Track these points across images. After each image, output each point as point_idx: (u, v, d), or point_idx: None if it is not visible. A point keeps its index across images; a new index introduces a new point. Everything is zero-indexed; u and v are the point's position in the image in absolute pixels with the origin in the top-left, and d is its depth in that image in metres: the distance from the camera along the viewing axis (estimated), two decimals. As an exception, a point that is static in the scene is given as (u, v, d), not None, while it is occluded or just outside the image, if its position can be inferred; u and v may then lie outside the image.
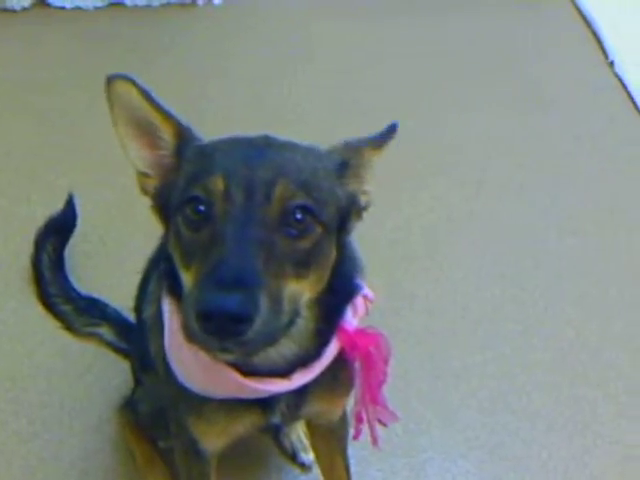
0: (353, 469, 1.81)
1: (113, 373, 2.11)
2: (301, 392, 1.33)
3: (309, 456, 1.93)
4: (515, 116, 3.21)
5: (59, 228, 2.25)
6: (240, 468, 1.92)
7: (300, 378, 1.26)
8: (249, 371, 1.22)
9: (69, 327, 2.19)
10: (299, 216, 1.07)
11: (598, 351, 2.28)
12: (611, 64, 3.49)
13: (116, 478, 1.92)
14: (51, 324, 2.21)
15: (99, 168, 2.73)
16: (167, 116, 1.19)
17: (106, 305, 2.19)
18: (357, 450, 1.93)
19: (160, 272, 1.28)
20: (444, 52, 3.58)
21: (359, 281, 1.28)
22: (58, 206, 2.31)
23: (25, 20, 3.59)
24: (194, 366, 1.26)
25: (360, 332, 1.29)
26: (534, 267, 2.54)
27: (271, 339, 1.03)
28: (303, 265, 1.08)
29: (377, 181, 1.27)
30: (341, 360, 1.32)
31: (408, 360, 2.20)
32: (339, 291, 1.21)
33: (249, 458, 1.96)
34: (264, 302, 0.98)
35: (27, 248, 2.27)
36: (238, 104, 3.02)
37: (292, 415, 1.39)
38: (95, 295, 2.21)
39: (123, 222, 2.52)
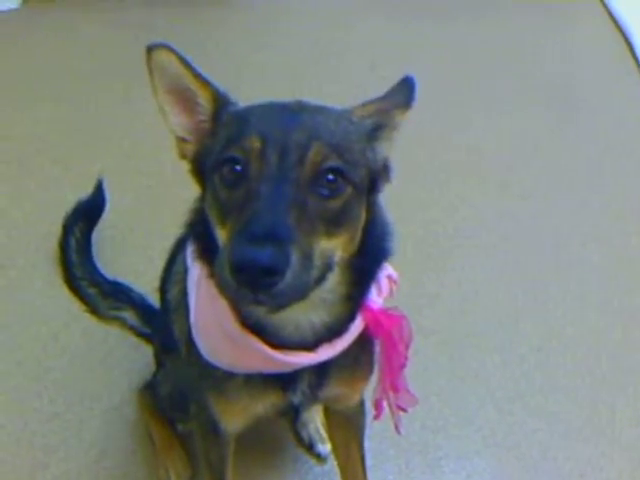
0: (369, 462, 1.82)
1: (135, 357, 2.14)
2: (323, 372, 1.36)
3: (325, 447, 1.94)
4: (543, 119, 3.21)
5: (87, 212, 2.28)
6: (257, 457, 1.94)
7: (325, 352, 1.29)
8: (276, 343, 1.25)
9: (94, 310, 2.22)
10: (331, 177, 1.11)
11: (618, 356, 2.28)
12: (642, 68, 3.47)
13: (134, 460, 1.95)
14: (76, 307, 2.24)
15: (130, 155, 2.77)
16: (205, 82, 1.24)
17: (131, 290, 2.21)
18: (374, 444, 1.95)
19: (191, 235, 1.31)
20: (473, 53, 3.59)
21: (390, 244, 1.30)
22: (88, 191, 2.35)
23: (62, 8, 3.63)
24: (220, 339, 1.30)
25: (384, 312, 1.33)
26: (556, 270, 2.54)
27: (301, 292, 1.06)
28: (334, 224, 1.11)
29: (403, 180, 1.30)
30: (363, 343, 1.36)
31: (428, 358, 2.20)
32: (370, 254, 1.24)
33: (266, 447, 1.98)
34: (295, 256, 1.01)
35: (56, 231, 2.30)
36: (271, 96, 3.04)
37: (312, 396, 1.41)
38: (120, 280, 2.24)
39: (151, 209, 2.55)
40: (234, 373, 1.35)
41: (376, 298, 1.33)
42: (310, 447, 1.98)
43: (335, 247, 1.13)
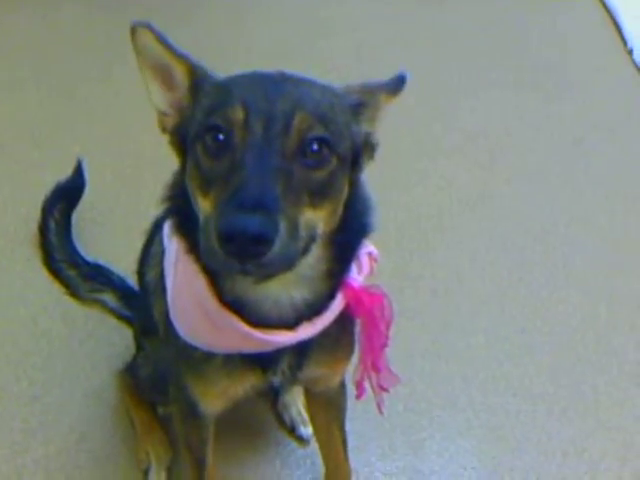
0: (352, 444, 1.81)
1: (115, 339, 2.12)
2: (303, 353, 1.35)
3: (307, 430, 1.93)
4: (530, 101, 3.18)
5: (67, 194, 2.26)
6: (238, 439, 1.93)
7: (305, 331, 1.27)
8: (255, 321, 1.23)
9: (73, 292, 2.20)
10: (316, 147, 1.10)
11: (602, 337, 2.27)
12: (630, 52, 3.46)
13: (115, 443, 1.93)
14: (56, 289, 2.22)
15: (110, 137, 2.74)
16: (180, 56, 1.23)
17: (111, 272, 2.19)
18: (357, 425, 1.94)
19: (169, 209, 1.29)
20: (460, 35, 3.56)
21: (371, 220, 1.29)
22: (67, 173, 2.32)
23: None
24: (198, 318, 1.28)
25: (365, 290, 1.32)
26: (542, 252, 2.53)
27: (289, 262, 1.05)
28: (318, 195, 1.11)
29: (387, 160, 1.29)
30: (343, 323, 1.34)
31: (412, 339, 2.19)
32: (352, 229, 1.23)
33: (247, 430, 1.96)
34: (283, 226, 1.01)
35: (35, 214, 2.28)
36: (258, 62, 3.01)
37: (292, 377, 1.40)
38: (101, 262, 2.22)
39: (131, 190, 2.53)
40: (213, 354, 1.33)
41: (357, 276, 1.32)
42: (292, 430, 1.97)
43: (319, 219, 1.12)
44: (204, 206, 1.10)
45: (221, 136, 1.10)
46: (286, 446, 1.96)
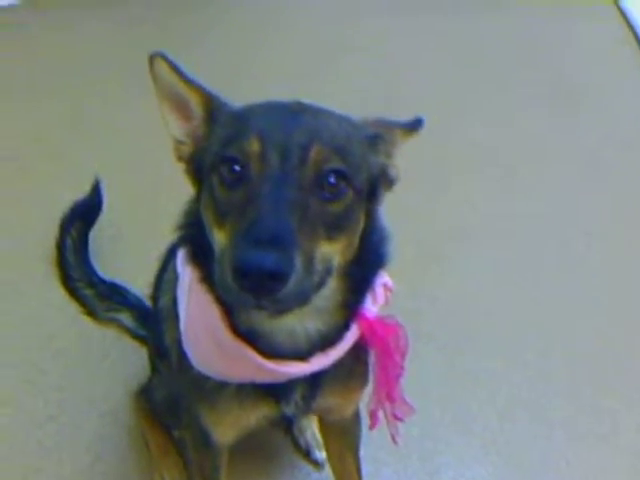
0: (366, 469, 1.80)
1: (131, 360, 2.12)
2: (316, 383, 1.34)
3: (322, 454, 1.91)
4: (547, 116, 3.17)
5: (84, 212, 2.26)
6: (253, 463, 1.91)
7: (318, 362, 1.26)
8: (269, 352, 1.23)
9: (90, 312, 2.20)
10: (333, 180, 1.10)
11: (622, 362, 2.24)
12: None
13: (129, 466, 1.92)
14: (72, 308, 2.22)
15: (129, 156, 2.76)
16: (195, 87, 1.23)
17: (127, 291, 2.19)
18: (371, 450, 1.92)
19: (183, 238, 1.29)
20: (480, 51, 3.55)
21: (387, 251, 1.28)
22: (86, 190, 2.33)
23: (61, 4, 3.61)
24: (211, 348, 1.27)
25: (380, 320, 1.31)
26: (561, 272, 2.51)
27: (304, 297, 1.04)
28: (334, 228, 1.10)
29: (403, 178, 1.29)
30: (357, 353, 1.34)
31: (428, 362, 2.17)
32: (367, 260, 1.23)
33: (262, 453, 1.95)
34: (299, 261, 1.00)
35: (53, 231, 2.28)
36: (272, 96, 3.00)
37: (305, 407, 1.39)
38: (117, 281, 2.22)
39: (149, 209, 2.53)
40: (225, 384, 1.32)
41: (371, 306, 1.31)
42: (307, 453, 1.95)
43: (335, 252, 1.11)
44: (219, 238, 1.10)
45: (237, 167, 1.10)
46: (301, 469, 1.95)
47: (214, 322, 1.24)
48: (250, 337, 1.23)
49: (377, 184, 1.22)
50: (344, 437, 1.68)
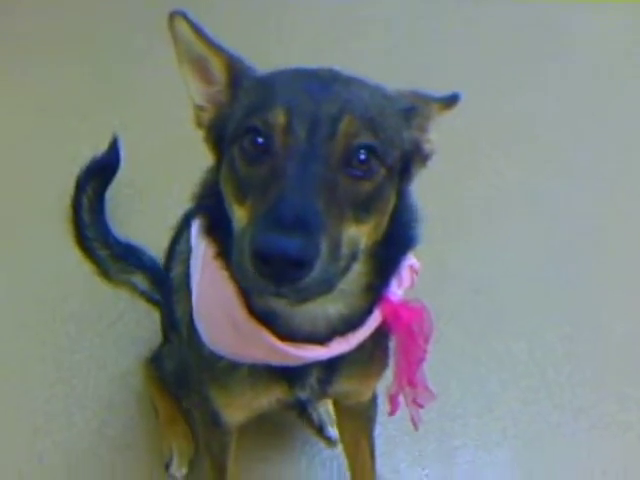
0: (381, 448, 1.75)
1: (144, 324, 2.07)
2: (333, 367, 1.27)
3: (336, 430, 1.85)
4: (585, 98, 3.00)
5: (101, 170, 2.19)
6: (264, 437, 1.86)
7: (337, 347, 1.20)
8: (285, 334, 1.16)
9: (104, 273, 2.15)
10: (363, 156, 1.01)
11: (652, 350, 2.15)
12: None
13: (137, 433, 1.89)
14: (86, 269, 2.16)
15: (150, 114, 2.67)
16: (218, 49, 1.15)
17: (143, 253, 2.13)
18: (387, 429, 1.87)
19: (199, 209, 1.21)
20: (500, 30, 3.34)
21: (416, 232, 1.20)
22: (105, 147, 2.26)
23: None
24: (224, 326, 1.21)
25: (404, 304, 1.23)
26: (592, 255, 2.39)
27: (328, 285, 0.96)
28: (363, 209, 1.01)
29: (439, 149, 1.21)
30: (378, 338, 1.27)
31: (450, 341, 2.09)
32: (395, 242, 1.14)
33: (274, 427, 1.89)
34: (325, 247, 0.92)
35: (70, 189, 2.21)
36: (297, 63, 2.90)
37: (321, 392, 1.32)
38: (133, 242, 2.15)
39: (169, 170, 2.45)
40: (237, 365, 1.26)
41: (396, 289, 1.23)
42: (320, 429, 1.90)
43: (362, 234, 1.03)
44: (239, 215, 1.02)
45: (260, 140, 1.01)
46: (313, 446, 1.90)
47: (228, 300, 1.17)
48: (266, 318, 1.16)
49: (410, 161, 1.13)
50: (359, 420, 1.62)
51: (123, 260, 2.12)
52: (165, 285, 1.62)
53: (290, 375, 1.26)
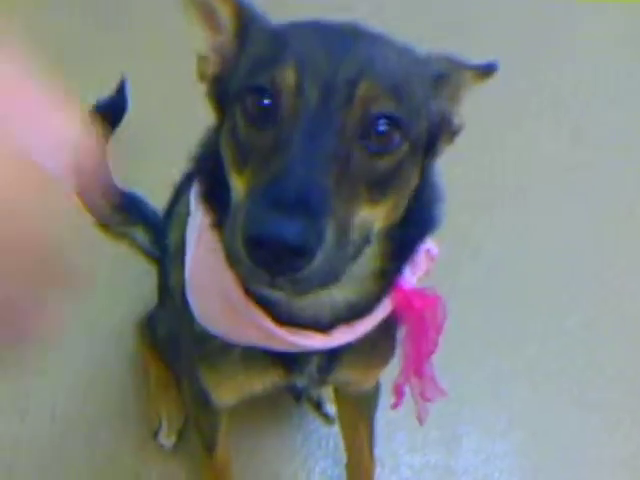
0: (381, 431, 1.65)
1: (142, 281, 1.95)
2: (335, 356, 1.17)
3: (334, 408, 1.76)
4: (623, 66, 2.82)
5: (107, 114, 2.06)
6: (259, 408, 1.75)
7: (341, 336, 1.09)
8: (285, 319, 1.05)
9: (103, 224, 2.03)
10: (383, 127, 0.88)
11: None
12: None
13: (126, 397, 1.80)
14: (83, 216, 2.04)
15: (162, 58, 2.50)
16: None
17: (146, 206, 2.01)
18: (387, 411, 1.74)
19: (197, 173, 1.11)
20: None
21: (438, 213, 1.07)
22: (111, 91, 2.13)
23: None
24: (217, 303, 1.10)
25: (417, 292, 1.12)
26: (626, 236, 2.24)
27: (332, 277, 0.84)
28: (380, 189, 0.89)
29: (467, 116, 1.07)
30: (385, 327, 1.15)
31: (461, 320, 1.95)
32: (414, 223, 1.02)
33: (268, 401, 1.78)
34: (330, 232, 0.80)
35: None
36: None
37: (320, 380, 1.23)
38: (136, 193, 2.04)
39: (179, 118, 2.29)
40: (231, 345, 1.15)
41: (409, 276, 1.11)
42: (318, 406, 1.80)
43: (376, 217, 0.91)
44: (237, 186, 0.90)
45: (266, 101, 0.88)
46: (309, 423, 1.81)
47: (223, 276, 1.04)
48: (263, 299, 1.04)
49: (437, 136, 0.99)
50: (359, 406, 1.52)
51: (124, 211, 2.00)
52: (163, 245, 1.51)
53: (288, 360, 1.16)
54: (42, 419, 1.75)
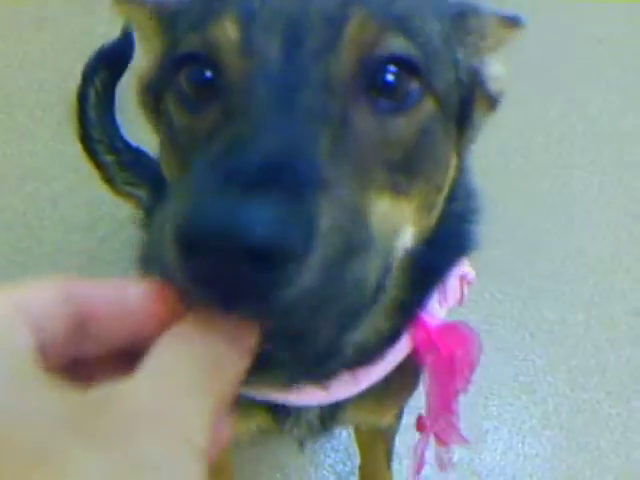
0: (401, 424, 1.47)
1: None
2: (337, 404, 0.90)
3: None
4: None
5: (111, 60, 1.87)
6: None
7: (342, 389, 0.83)
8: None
9: (109, 180, 1.85)
10: (392, 76, 0.61)
11: None
12: None
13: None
14: (85, 168, 1.87)
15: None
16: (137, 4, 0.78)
17: (154, 162, 1.82)
18: (408, 404, 1.58)
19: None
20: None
21: (474, 229, 0.83)
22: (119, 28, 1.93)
23: None
24: None
25: (444, 329, 0.85)
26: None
27: (349, 316, 0.52)
28: (402, 169, 0.62)
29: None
30: (403, 365, 0.89)
31: (495, 302, 1.79)
32: (443, 241, 0.75)
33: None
34: (327, 220, 0.48)
35: (77, 72, 1.88)
36: None
37: (324, 428, 0.95)
38: (143, 149, 1.85)
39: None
40: None
41: (437, 308, 0.86)
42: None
43: (404, 214, 0.63)
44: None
45: (204, 73, 0.62)
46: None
47: None
48: None
49: (471, 101, 0.73)
50: (376, 430, 1.31)
51: (131, 168, 1.82)
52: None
53: (276, 407, 0.88)
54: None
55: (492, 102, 0.78)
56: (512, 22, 0.78)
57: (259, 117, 0.53)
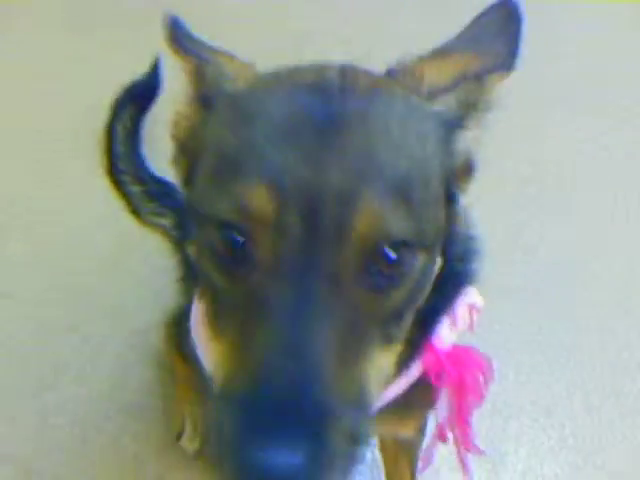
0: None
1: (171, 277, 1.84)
2: None
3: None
4: None
5: (140, 95, 1.95)
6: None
7: None
8: None
9: (135, 211, 1.92)
10: (393, 257, 0.71)
11: None
12: None
13: (151, 398, 1.69)
14: (113, 202, 1.94)
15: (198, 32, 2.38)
16: (182, 51, 0.88)
17: (179, 193, 1.89)
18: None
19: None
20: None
21: (473, 266, 0.92)
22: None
23: None
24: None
25: (453, 354, 0.95)
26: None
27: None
28: (394, 322, 0.76)
29: (515, 101, 0.93)
30: (420, 380, 0.98)
31: (511, 322, 1.83)
32: (444, 284, 0.85)
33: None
34: (339, 436, 0.65)
35: (105, 106, 1.98)
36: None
37: None
38: (169, 180, 1.92)
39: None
40: None
41: (447, 333, 0.95)
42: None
43: (392, 354, 0.78)
44: (215, 358, 0.75)
45: (238, 239, 0.71)
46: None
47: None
48: None
49: (455, 183, 0.83)
50: (401, 443, 1.37)
51: (156, 199, 1.89)
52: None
53: None
54: (62, 417, 1.66)
55: (471, 173, 0.87)
56: (508, 65, 0.84)
57: (283, 337, 0.66)
